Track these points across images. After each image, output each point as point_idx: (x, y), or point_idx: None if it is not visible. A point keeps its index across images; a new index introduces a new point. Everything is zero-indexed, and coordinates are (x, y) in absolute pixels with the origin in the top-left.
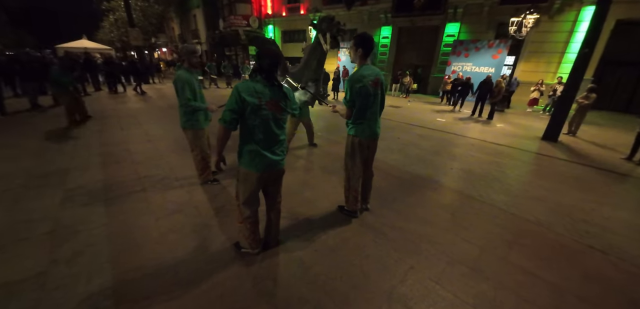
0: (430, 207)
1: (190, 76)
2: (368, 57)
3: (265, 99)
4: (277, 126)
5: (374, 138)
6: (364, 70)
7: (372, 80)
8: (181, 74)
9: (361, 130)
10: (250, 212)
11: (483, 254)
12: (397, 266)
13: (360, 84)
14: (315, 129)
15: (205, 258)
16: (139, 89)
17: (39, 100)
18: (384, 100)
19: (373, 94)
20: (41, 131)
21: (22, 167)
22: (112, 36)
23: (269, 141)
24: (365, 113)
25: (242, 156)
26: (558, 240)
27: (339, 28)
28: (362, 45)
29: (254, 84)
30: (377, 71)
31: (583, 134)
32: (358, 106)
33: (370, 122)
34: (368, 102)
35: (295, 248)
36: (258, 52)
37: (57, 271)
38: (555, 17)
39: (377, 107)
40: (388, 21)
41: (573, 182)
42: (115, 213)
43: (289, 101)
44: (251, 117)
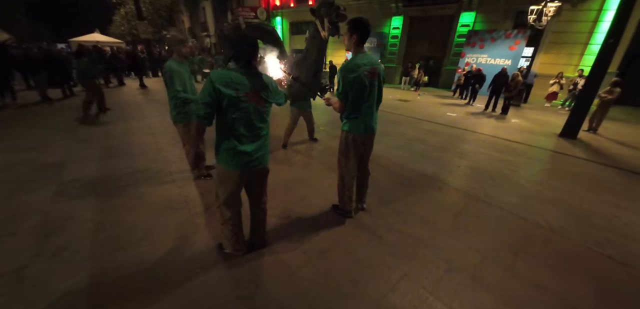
0: (433, 208)
1: (180, 67)
2: (363, 45)
3: (244, 90)
4: (259, 119)
5: (370, 134)
6: (359, 58)
7: (368, 70)
8: (170, 65)
9: (356, 125)
10: (231, 213)
11: (486, 262)
12: (390, 273)
13: (354, 74)
14: (317, 123)
15: (186, 258)
16: (141, 83)
17: (48, 92)
18: (382, 92)
19: (369, 86)
20: (47, 123)
21: (23, 159)
22: (123, 30)
23: (250, 136)
24: (360, 107)
25: (220, 153)
26: (572, 248)
27: (339, 13)
28: (356, 31)
29: (230, 74)
30: (374, 60)
31: (605, 132)
32: (351, 98)
33: (366, 117)
34: (363, 95)
35: (283, 250)
36: (232, 38)
37: (39, 267)
38: (578, 5)
39: (373, 101)
40: (399, 11)
41: (591, 183)
42: (104, 208)
43: (271, 91)
44: (229, 111)
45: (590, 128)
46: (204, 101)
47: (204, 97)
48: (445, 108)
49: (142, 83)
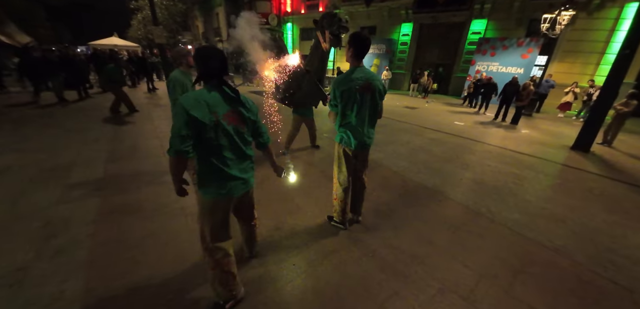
0: (431, 222)
1: (184, 77)
2: (361, 58)
3: (222, 111)
4: (243, 142)
5: (362, 149)
6: (355, 72)
7: (361, 84)
8: (175, 75)
9: (345, 139)
10: (222, 252)
11: (481, 283)
12: (379, 290)
13: (345, 87)
14: (321, 131)
15: (171, 270)
16: (151, 86)
17: (64, 94)
18: (379, 108)
19: (360, 100)
20: (61, 124)
21: (34, 159)
22: (139, 34)
23: (237, 158)
24: (350, 121)
25: (205, 184)
26: (575, 271)
27: (341, 25)
28: (353, 45)
29: (204, 95)
30: (370, 75)
31: (620, 145)
32: (341, 111)
33: (356, 132)
34: (353, 109)
35: (271, 262)
36: (198, 52)
37: (38, 268)
38: (594, 13)
39: (365, 116)
40: (409, 18)
41: (602, 200)
42: (105, 211)
43: (250, 108)
44: (211, 137)
45: (604, 141)
46: (181, 134)
47: (180, 129)
48: (453, 116)
49: (150, 87)
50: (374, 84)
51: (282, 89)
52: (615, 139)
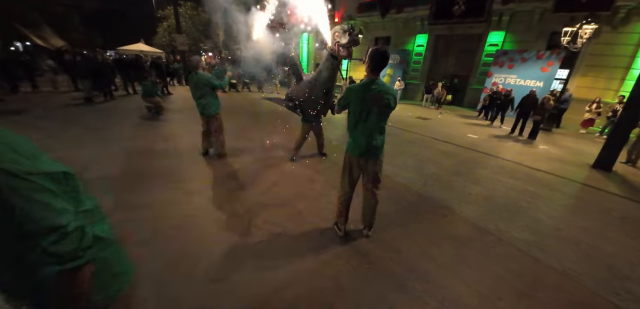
0: (434, 237)
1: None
2: (378, 72)
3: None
4: None
5: (367, 158)
6: (369, 82)
7: (372, 96)
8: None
9: (351, 145)
10: None
11: (483, 304)
12: (373, 305)
13: (357, 96)
14: (330, 138)
15: (180, 270)
16: (165, 91)
17: (92, 94)
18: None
19: (367, 110)
20: (85, 123)
21: (56, 156)
22: (164, 41)
23: None
24: (355, 126)
25: None
26: (586, 299)
27: (351, 38)
28: (371, 59)
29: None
30: (384, 89)
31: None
32: (349, 117)
33: (360, 139)
34: (359, 116)
35: (268, 267)
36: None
37: None
38: (619, 27)
39: (371, 125)
40: (424, 29)
41: (621, 223)
42: (116, 208)
43: None
44: None
45: (628, 160)
46: None
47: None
48: (466, 128)
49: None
50: (385, 97)
51: (293, 97)
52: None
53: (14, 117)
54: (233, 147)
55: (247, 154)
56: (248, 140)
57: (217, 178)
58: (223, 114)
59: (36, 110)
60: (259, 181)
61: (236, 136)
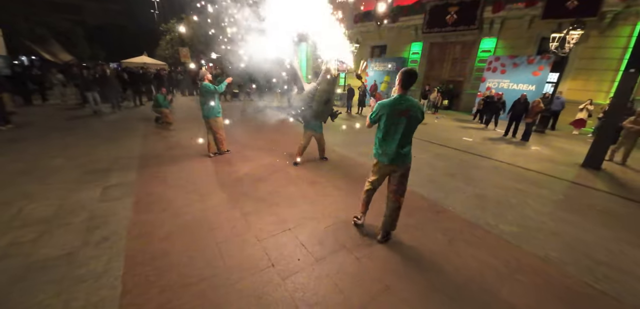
0: (427, 231)
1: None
2: (407, 89)
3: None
4: None
5: (394, 164)
6: (400, 99)
7: (402, 110)
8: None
9: (380, 154)
10: None
11: (469, 285)
12: (373, 285)
13: (388, 110)
14: (331, 143)
15: (188, 256)
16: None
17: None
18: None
19: (396, 122)
20: (98, 133)
21: (76, 164)
22: (167, 53)
23: None
24: (385, 137)
25: None
26: (564, 281)
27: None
28: (402, 78)
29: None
30: (412, 104)
31: (636, 163)
32: (381, 127)
33: (390, 149)
34: (389, 128)
35: (280, 259)
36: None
37: (86, 252)
38: (606, 31)
39: (399, 136)
40: (419, 37)
41: (606, 217)
42: (138, 208)
43: None
44: None
45: (610, 158)
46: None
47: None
48: (462, 132)
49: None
50: (412, 111)
51: (296, 107)
52: (629, 157)
53: (27, 129)
54: (240, 154)
55: (252, 160)
56: (252, 148)
57: (225, 182)
58: (229, 124)
59: (49, 121)
60: (264, 184)
61: (243, 144)
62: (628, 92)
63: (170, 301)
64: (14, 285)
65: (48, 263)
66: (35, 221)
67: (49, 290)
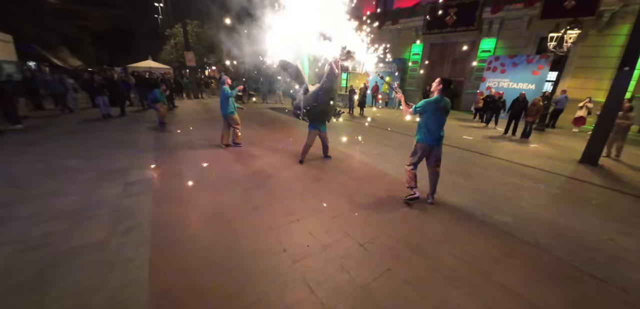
0: (426, 220)
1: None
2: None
3: None
4: None
5: (433, 145)
6: (441, 99)
7: (442, 106)
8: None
9: (424, 138)
10: None
11: (463, 267)
12: (376, 267)
13: (433, 106)
14: (334, 143)
15: (209, 239)
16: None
17: (110, 111)
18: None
19: (438, 114)
20: (110, 136)
21: (93, 164)
22: (172, 57)
23: None
24: (429, 125)
25: None
26: (553, 264)
27: (349, 55)
28: (442, 85)
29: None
30: (447, 102)
31: (632, 159)
32: (425, 120)
33: (434, 133)
34: (429, 118)
35: (291, 244)
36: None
37: (115, 240)
38: (604, 30)
39: (440, 124)
40: (419, 38)
41: (598, 209)
42: (159, 202)
43: None
44: None
45: (607, 154)
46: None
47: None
48: (462, 131)
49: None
50: (448, 107)
51: (300, 106)
52: (622, 152)
53: (42, 131)
54: (249, 153)
55: (260, 158)
56: (259, 146)
57: (236, 178)
58: None
59: (62, 125)
60: (273, 180)
61: (250, 142)
62: (623, 90)
63: (195, 279)
64: (53, 268)
65: (82, 250)
66: (64, 214)
67: (86, 272)
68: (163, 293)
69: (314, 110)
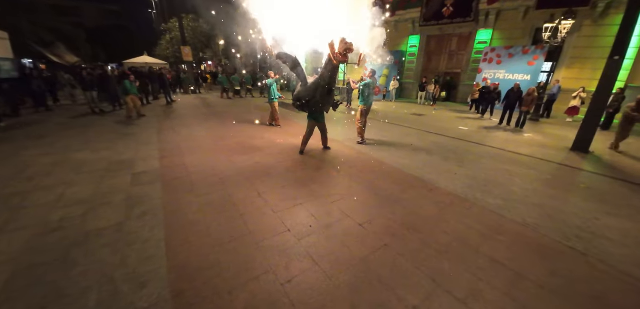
0: (422, 204)
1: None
2: None
3: None
4: None
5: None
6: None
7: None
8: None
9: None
10: None
11: (454, 243)
12: (374, 243)
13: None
14: (333, 134)
15: (217, 223)
16: (169, 99)
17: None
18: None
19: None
20: (113, 129)
21: (101, 157)
22: (168, 53)
23: None
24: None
25: None
26: (538, 240)
27: (347, 47)
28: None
29: None
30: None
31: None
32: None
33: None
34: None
35: (294, 225)
36: None
37: (131, 223)
38: (599, 21)
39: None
40: (416, 30)
41: (586, 193)
42: (167, 190)
43: None
44: None
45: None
46: None
47: None
48: (458, 122)
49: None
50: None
51: (300, 98)
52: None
53: (44, 126)
54: (250, 145)
55: (261, 150)
56: (260, 139)
57: (240, 169)
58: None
59: (63, 120)
60: (275, 170)
61: (250, 135)
62: (613, 79)
63: (209, 255)
64: (76, 247)
65: (101, 232)
66: (80, 201)
67: (107, 251)
68: (180, 266)
69: (312, 101)
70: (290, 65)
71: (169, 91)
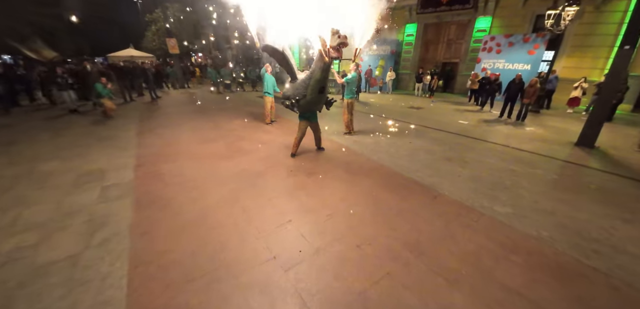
0: (425, 216)
1: None
2: None
3: None
4: None
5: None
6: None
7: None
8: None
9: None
10: None
11: (465, 266)
12: (374, 270)
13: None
14: (327, 133)
15: (191, 254)
16: (154, 95)
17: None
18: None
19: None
20: (90, 132)
21: (71, 166)
22: (154, 45)
23: None
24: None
25: None
26: (556, 259)
27: (340, 42)
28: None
29: None
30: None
31: (627, 140)
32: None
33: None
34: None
35: (281, 251)
36: None
37: (89, 253)
38: (601, 7)
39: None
40: (412, 18)
41: (598, 195)
42: (138, 208)
43: None
44: None
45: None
46: None
47: None
48: (457, 115)
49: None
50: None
51: (289, 96)
52: None
53: (16, 129)
54: (237, 148)
55: (249, 153)
56: (249, 140)
57: (223, 178)
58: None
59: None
60: (263, 178)
61: (238, 135)
62: (623, 70)
63: (176, 296)
64: (20, 290)
65: (52, 267)
66: (35, 225)
67: (55, 293)
68: None
69: (303, 100)
70: (277, 60)
71: (153, 87)
